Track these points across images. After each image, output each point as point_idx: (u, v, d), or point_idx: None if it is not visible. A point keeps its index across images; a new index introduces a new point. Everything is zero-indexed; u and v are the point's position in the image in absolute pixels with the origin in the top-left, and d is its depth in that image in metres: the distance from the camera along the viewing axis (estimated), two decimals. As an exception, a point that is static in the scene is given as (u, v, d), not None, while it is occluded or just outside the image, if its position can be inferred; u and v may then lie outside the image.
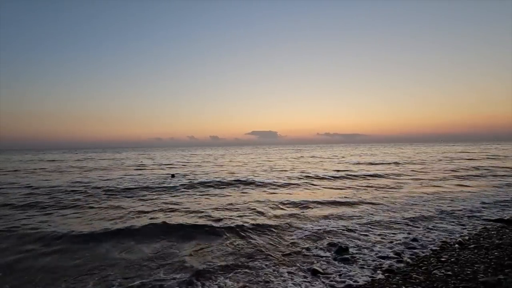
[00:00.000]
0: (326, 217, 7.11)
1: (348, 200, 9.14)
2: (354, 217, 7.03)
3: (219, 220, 6.77)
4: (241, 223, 6.39)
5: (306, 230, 6.04)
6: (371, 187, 11.86)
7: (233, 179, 14.16)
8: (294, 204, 8.51)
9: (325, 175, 15.59)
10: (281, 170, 19.23)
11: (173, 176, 16.72)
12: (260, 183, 12.94)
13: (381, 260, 4.46)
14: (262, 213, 7.47)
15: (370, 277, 3.90)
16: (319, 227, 6.22)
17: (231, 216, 7.17)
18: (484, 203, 8.43)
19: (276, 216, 7.19)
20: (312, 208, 8.03)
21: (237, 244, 5.28)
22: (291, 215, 7.29)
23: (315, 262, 4.47)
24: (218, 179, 14.08)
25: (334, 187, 12.21)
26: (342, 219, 6.92)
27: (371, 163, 23.69)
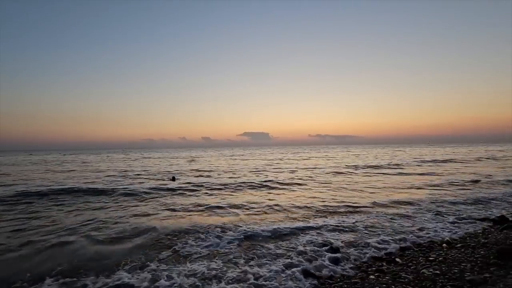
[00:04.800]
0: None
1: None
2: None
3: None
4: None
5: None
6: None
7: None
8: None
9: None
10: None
11: (173, 179, 15.11)
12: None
13: (371, 260, 4.52)
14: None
15: (360, 277, 3.94)
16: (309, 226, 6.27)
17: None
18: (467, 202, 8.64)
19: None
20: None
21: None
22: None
23: (307, 261, 4.49)
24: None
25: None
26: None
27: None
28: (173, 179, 15.19)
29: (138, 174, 17.82)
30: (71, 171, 21.05)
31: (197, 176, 16.57)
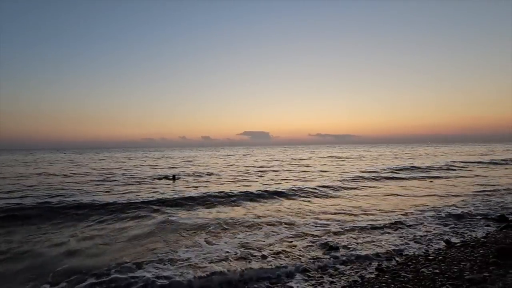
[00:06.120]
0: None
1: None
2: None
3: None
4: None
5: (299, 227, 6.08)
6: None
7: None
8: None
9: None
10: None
11: (174, 179, 14.25)
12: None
13: (371, 259, 4.52)
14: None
15: (360, 276, 3.94)
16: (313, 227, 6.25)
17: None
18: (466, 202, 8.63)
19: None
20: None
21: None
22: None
23: (306, 261, 4.49)
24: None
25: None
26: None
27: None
28: (174, 179, 14.39)
29: (133, 177, 15.82)
30: (56, 175, 17.60)
31: (195, 178, 15.45)
